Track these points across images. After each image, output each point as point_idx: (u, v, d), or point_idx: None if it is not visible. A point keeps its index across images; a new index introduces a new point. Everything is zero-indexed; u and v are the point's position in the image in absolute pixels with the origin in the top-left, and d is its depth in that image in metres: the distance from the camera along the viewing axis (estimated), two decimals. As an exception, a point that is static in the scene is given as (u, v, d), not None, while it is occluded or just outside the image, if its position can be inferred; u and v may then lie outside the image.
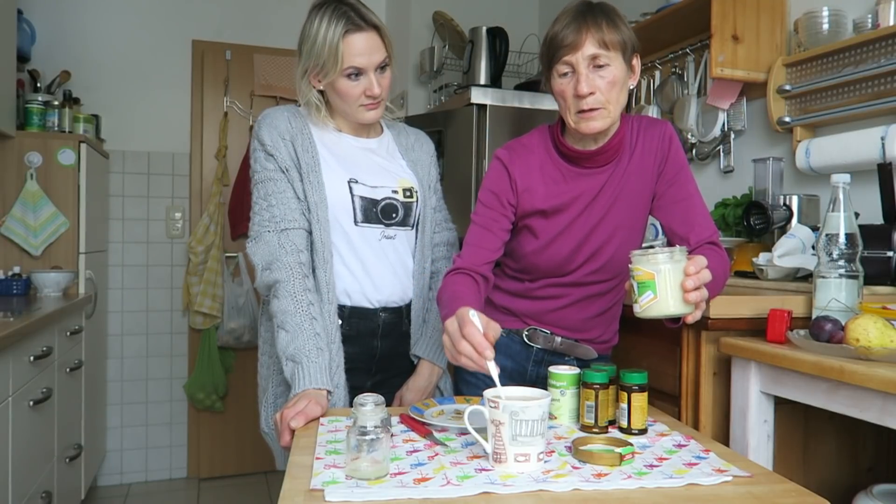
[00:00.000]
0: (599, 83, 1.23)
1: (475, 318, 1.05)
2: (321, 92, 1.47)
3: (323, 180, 1.43)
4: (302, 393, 1.26)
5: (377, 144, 1.55)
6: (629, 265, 1.07)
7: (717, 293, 1.30)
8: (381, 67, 1.43)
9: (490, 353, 1.02)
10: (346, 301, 1.46)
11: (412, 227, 1.53)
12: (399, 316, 1.52)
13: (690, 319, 1.08)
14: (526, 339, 1.44)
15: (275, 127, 1.44)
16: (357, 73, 1.40)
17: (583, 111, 1.25)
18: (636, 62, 1.30)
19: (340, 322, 1.44)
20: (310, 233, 1.43)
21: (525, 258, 1.40)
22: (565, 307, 1.42)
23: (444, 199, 1.69)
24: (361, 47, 1.38)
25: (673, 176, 1.35)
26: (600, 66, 1.23)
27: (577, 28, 1.21)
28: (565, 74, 1.25)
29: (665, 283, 1.01)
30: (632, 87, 1.33)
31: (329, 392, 1.30)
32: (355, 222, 1.45)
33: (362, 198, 1.45)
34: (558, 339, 1.43)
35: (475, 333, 1.02)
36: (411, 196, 1.52)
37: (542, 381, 1.20)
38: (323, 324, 1.37)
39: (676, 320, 1.24)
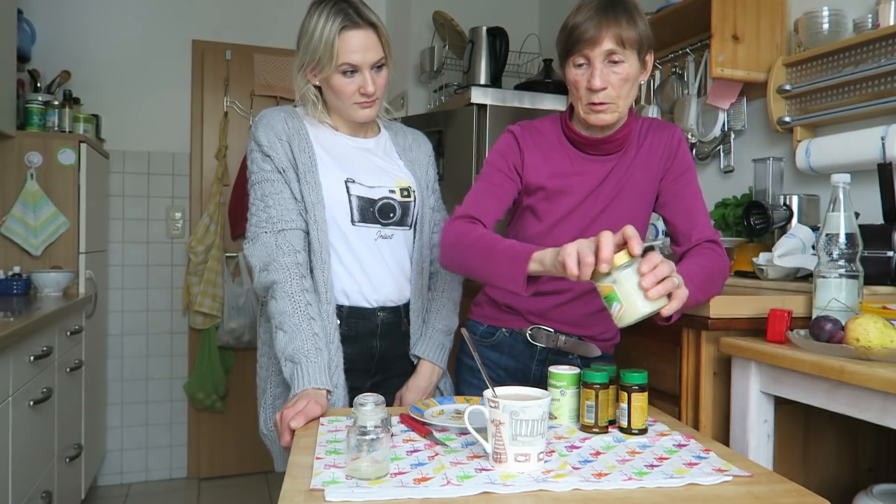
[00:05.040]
0: (613, 79, 1.28)
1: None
2: (318, 88, 1.48)
3: (320, 181, 1.43)
4: (301, 393, 1.26)
5: (374, 144, 1.55)
6: (595, 288, 1.08)
7: (716, 293, 1.31)
8: (377, 66, 1.43)
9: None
10: (345, 301, 1.46)
11: (410, 226, 1.53)
12: (397, 316, 1.52)
13: (665, 312, 1.08)
14: (529, 339, 1.44)
15: (271, 127, 1.44)
16: (352, 69, 1.40)
17: (593, 104, 1.29)
18: (649, 58, 1.34)
19: (339, 322, 1.44)
20: (307, 233, 1.43)
21: (528, 242, 1.40)
22: (568, 302, 1.42)
23: (444, 198, 1.69)
24: (357, 44, 1.39)
25: (679, 174, 1.40)
26: (615, 63, 1.27)
27: (598, 24, 1.25)
28: (581, 66, 1.29)
29: (624, 289, 1.04)
30: (642, 82, 1.36)
31: (329, 392, 1.30)
32: (352, 222, 1.45)
33: (359, 197, 1.45)
34: (562, 337, 1.43)
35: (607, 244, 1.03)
36: (409, 196, 1.52)
37: (545, 381, 1.21)
38: (321, 323, 1.37)
39: (668, 317, 1.25)
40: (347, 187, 1.45)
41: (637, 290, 1.03)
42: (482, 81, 2.96)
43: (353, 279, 1.46)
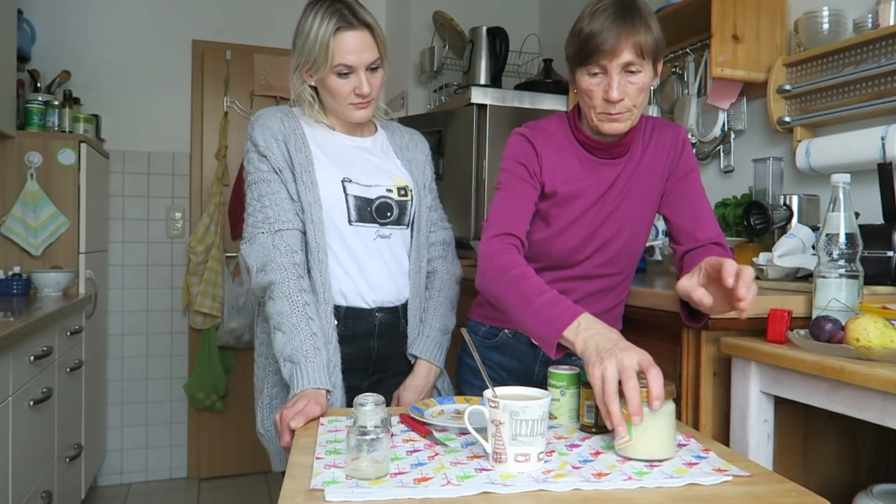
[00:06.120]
0: (629, 89, 1.24)
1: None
2: (315, 89, 1.48)
3: (316, 180, 1.43)
4: (301, 393, 1.26)
5: (371, 143, 1.55)
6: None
7: None
8: (373, 67, 1.42)
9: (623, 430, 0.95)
10: (342, 301, 1.46)
11: (407, 226, 1.53)
12: (395, 316, 1.52)
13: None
14: (533, 340, 1.44)
15: (267, 128, 1.44)
16: (347, 70, 1.40)
17: (609, 114, 1.26)
18: (660, 65, 1.31)
19: (336, 323, 1.44)
20: (304, 233, 1.43)
21: (536, 245, 1.39)
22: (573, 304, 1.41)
23: (444, 198, 1.69)
24: (352, 45, 1.38)
25: (684, 175, 1.39)
26: (632, 73, 1.23)
27: (617, 33, 1.20)
28: (596, 74, 1.25)
29: (644, 428, 0.96)
30: (652, 88, 1.34)
31: (328, 391, 1.30)
32: (350, 222, 1.45)
33: (356, 197, 1.45)
34: None
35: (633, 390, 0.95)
36: (406, 195, 1.52)
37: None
38: (319, 323, 1.37)
39: (699, 320, 1.24)
40: (344, 187, 1.45)
41: (658, 435, 0.96)
42: (482, 81, 2.96)
43: (350, 279, 1.46)
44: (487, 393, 0.96)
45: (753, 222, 1.82)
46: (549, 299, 1.13)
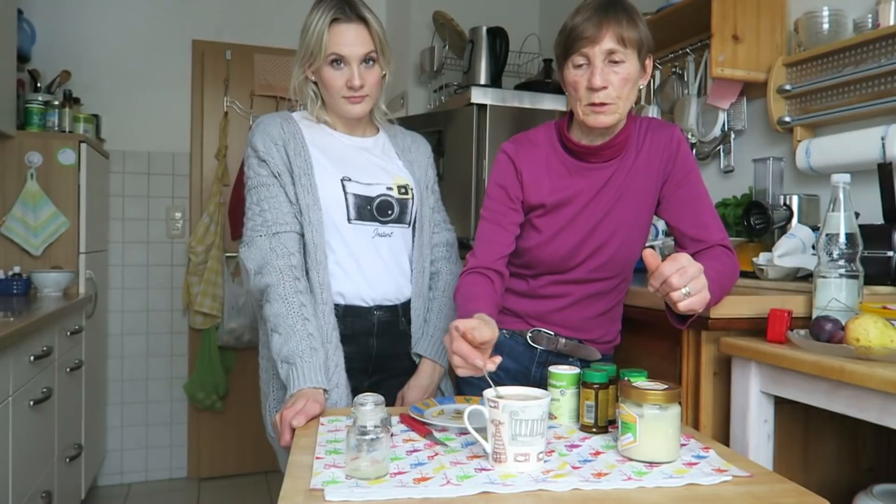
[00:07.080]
0: (613, 78, 1.25)
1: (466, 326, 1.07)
2: (317, 85, 1.49)
3: (315, 182, 1.44)
4: (298, 393, 1.26)
5: (372, 144, 1.56)
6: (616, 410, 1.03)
7: (725, 294, 1.30)
8: (367, 61, 1.44)
9: (480, 361, 1.04)
10: (340, 301, 1.46)
11: (409, 224, 1.53)
12: (395, 314, 1.52)
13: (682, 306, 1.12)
14: (529, 341, 1.44)
15: (267, 133, 1.45)
16: (339, 60, 1.42)
17: (593, 104, 1.27)
18: (649, 62, 1.32)
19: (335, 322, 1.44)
20: (302, 235, 1.43)
21: (528, 252, 1.40)
22: (569, 306, 1.42)
23: (445, 199, 1.69)
24: (346, 37, 1.41)
25: (682, 178, 1.37)
26: (615, 62, 1.25)
27: (598, 22, 1.23)
28: (580, 66, 1.27)
29: (647, 429, 0.97)
30: (641, 87, 1.35)
31: (325, 391, 1.30)
32: (349, 220, 1.45)
33: (356, 195, 1.46)
34: (562, 340, 1.43)
35: (462, 347, 1.06)
36: (406, 193, 1.52)
37: (545, 383, 1.21)
38: (316, 324, 1.37)
39: (684, 321, 1.24)
40: (343, 185, 1.45)
41: (663, 438, 0.96)
42: (482, 81, 2.96)
43: (348, 278, 1.46)
44: (487, 393, 0.96)
45: (753, 222, 1.82)
46: (464, 308, 1.23)
